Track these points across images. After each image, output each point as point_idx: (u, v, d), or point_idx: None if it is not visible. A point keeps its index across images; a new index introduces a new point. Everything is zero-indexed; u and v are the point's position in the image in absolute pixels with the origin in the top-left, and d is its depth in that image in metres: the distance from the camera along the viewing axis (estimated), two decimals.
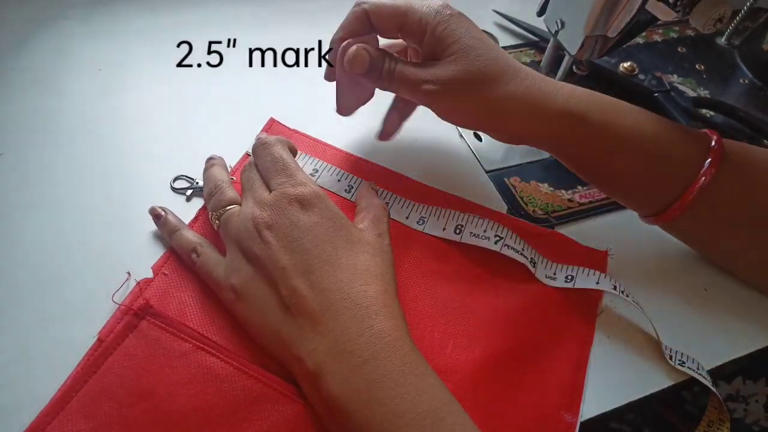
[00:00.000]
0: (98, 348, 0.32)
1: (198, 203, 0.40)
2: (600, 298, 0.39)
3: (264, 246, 0.32)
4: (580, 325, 0.37)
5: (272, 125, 0.46)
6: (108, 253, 0.37)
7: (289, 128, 0.46)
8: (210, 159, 0.40)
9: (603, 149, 0.36)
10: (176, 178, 0.41)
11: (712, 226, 0.37)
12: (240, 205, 0.36)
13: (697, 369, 0.34)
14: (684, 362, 0.35)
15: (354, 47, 0.37)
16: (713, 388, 0.33)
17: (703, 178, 0.34)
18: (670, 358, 0.35)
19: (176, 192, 0.41)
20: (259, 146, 0.37)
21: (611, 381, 0.35)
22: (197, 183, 0.41)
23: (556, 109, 0.35)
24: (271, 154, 0.36)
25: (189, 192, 0.41)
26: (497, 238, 0.37)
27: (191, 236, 0.36)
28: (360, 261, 0.32)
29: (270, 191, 0.34)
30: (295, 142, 0.44)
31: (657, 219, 0.38)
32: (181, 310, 0.34)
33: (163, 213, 0.37)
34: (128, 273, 0.35)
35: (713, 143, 0.35)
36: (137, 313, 0.33)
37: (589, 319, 0.37)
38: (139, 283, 0.35)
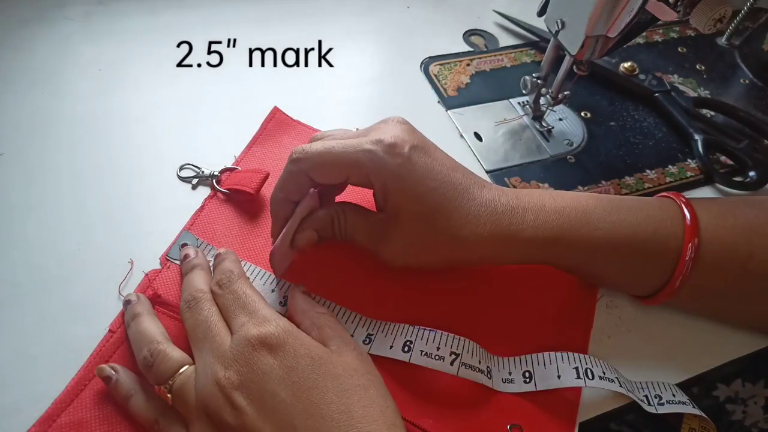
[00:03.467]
0: (110, 339, 0.33)
1: (204, 192, 0.41)
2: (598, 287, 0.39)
3: (236, 413, 0.26)
4: (582, 309, 0.38)
5: (276, 114, 0.46)
6: (113, 250, 0.37)
7: (292, 118, 0.46)
8: (127, 302, 0.33)
9: (579, 261, 0.34)
10: (182, 167, 0.42)
11: (708, 300, 0.36)
12: (190, 363, 0.29)
13: (674, 397, 0.33)
14: (663, 402, 0.33)
15: (298, 238, 0.34)
16: (695, 411, 0.33)
17: (687, 266, 0.33)
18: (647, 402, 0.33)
19: (183, 180, 0.41)
20: (220, 283, 0.31)
21: None
22: (202, 171, 0.41)
23: (525, 238, 0.32)
24: (234, 291, 0.31)
25: (195, 180, 0.41)
26: (453, 356, 0.32)
27: (150, 401, 0.29)
28: (354, 403, 0.27)
29: (230, 334, 0.29)
30: (298, 133, 0.45)
31: (646, 302, 0.37)
32: None
33: (113, 374, 0.30)
34: (131, 261, 0.36)
35: (687, 220, 0.33)
36: None
37: (590, 300, 0.38)
38: (147, 274, 0.35)
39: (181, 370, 0.29)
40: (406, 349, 0.32)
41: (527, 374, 0.33)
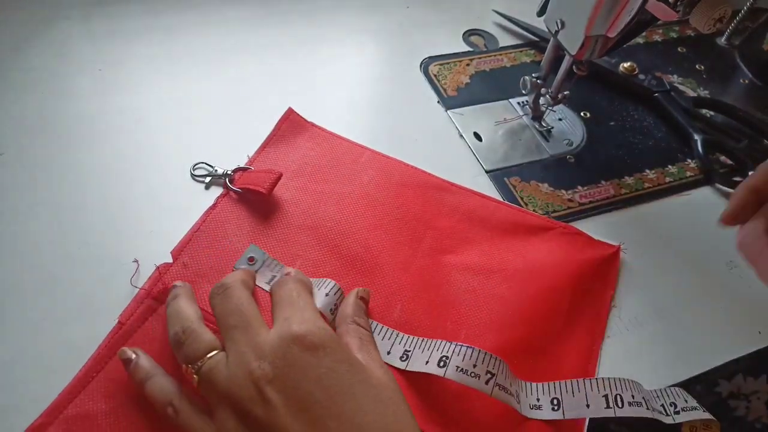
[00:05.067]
0: (119, 331, 0.33)
1: (216, 191, 0.41)
2: (612, 292, 0.39)
3: (266, 407, 0.25)
4: (593, 317, 0.37)
5: (290, 115, 0.46)
6: (124, 246, 0.37)
7: (306, 120, 0.46)
8: (173, 287, 0.33)
9: None
10: (195, 166, 0.42)
11: None
12: (221, 348, 0.29)
13: (687, 404, 0.33)
14: (678, 410, 0.33)
15: (744, 233, 0.30)
16: (706, 415, 0.33)
17: None
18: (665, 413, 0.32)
19: (196, 179, 0.41)
20: (283, 279, 0.33)
21: None
22: (216, 170, 0.41)
23: None
24: (290, 289, 0.31)
25: (208, 179, 0.41)
26: (489, 376, 0.31)
27: (168, 385, 0.29)
28: (389, 414, 0.26)
29: (266, 326, 0.29)
30: (311, 135, 0.45)
31: None
32: (200, 295, 0.34)
33: (133, 356, 0.30)
34: (136, 260, 0.36)
35: None
36: (157, 298, 0.34)
37: (602, 311, 0.38)
38: (158, 267, 0.36)
39: (210, 354, 0.28)
40: (441, 364, 0.31)
41: (555, 401, 0.32)
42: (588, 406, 0.31)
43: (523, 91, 0.48)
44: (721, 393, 0.35)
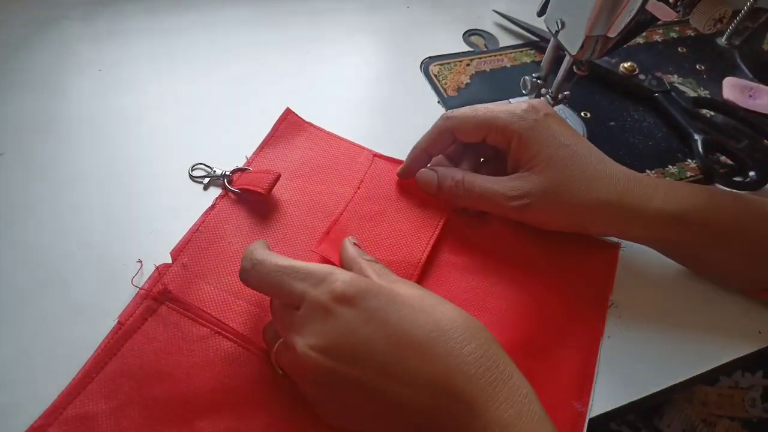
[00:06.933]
0: (118, 331, 0.33)
1: (214, 192, 0.41)
2: (610, 291, 0.39)
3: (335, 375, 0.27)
4: (591, 316, 0.37)
5: (288, 116, 0.46)
6: (123, 247, 0.37)
7: (304, 120, 0.46)
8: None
9: (702, 245, 0.36)
10: (194, 167, 0.42)
11: None
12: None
13: None
14: None
15: (421, 171, 0.40)
16: None
17: None
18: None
19: (194, 180, 0.41)
20: (247, 271, 0.30)
21: (611, 382, 0.35)
22: (214, 171, 0.41)
23: (653, 211, 0.35)
24: (267, 272, 0.29)
25: (206, 180, 0.41)
26: None
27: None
28: (438, 316, 0.28)
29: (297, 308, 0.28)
30: (309, 135, 0.45)
31: (760, 295, 0.38)
32: (200, 296, 0.35)
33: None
34: (140, 261, 0.36)
35: None
36: (157, 298, 0.34)
37: (601, 311, 0.38)
38: (158, 267, 0.35)
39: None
40: None
41: None
42: None
43: (524, 91, 0.48)
44: (720, 387, 0.35)
